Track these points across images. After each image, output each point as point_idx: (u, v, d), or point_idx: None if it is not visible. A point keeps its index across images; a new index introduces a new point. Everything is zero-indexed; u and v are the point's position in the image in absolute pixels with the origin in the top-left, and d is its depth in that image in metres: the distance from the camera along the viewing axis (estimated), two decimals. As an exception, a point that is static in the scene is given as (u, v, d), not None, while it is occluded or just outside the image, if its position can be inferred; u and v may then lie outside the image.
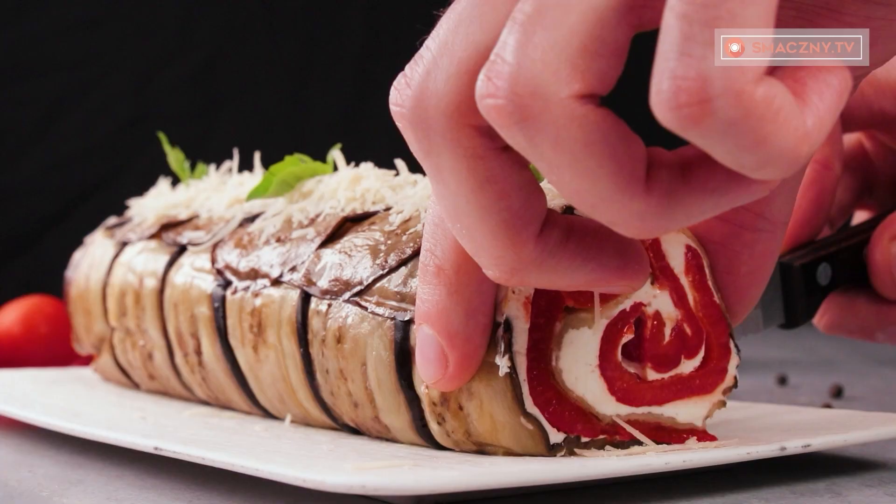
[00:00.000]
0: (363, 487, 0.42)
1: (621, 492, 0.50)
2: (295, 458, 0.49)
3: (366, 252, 0.55)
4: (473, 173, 0.40)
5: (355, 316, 0.54)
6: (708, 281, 0.52)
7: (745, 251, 0.51)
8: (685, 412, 0.52)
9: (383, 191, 0.59)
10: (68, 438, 0.64)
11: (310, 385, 0.58)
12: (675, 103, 0.34)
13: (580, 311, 0.49)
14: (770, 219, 0.50)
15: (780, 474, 0.53)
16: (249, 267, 0.62)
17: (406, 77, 0.41)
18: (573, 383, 0.49)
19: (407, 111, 0.41)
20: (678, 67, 0.34)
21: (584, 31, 0.37)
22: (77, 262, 0.81)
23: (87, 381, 0.82)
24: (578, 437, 0.49)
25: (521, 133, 0.37)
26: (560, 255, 0.41)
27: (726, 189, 0.37)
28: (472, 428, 0.49)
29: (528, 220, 0.41)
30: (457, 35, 0.40)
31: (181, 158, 0.81)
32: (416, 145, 0.42)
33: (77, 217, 1.48)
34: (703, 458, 0.48)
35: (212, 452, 0.49)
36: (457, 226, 0.42)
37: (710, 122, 0.34)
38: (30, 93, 1.53)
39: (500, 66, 0.37)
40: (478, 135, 0.40)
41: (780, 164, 0.35)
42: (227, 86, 1.64)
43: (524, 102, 0.37)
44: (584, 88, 0.37)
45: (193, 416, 0.65)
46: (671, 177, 0.37)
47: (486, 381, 0.48)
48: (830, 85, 0.36)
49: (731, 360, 0.53)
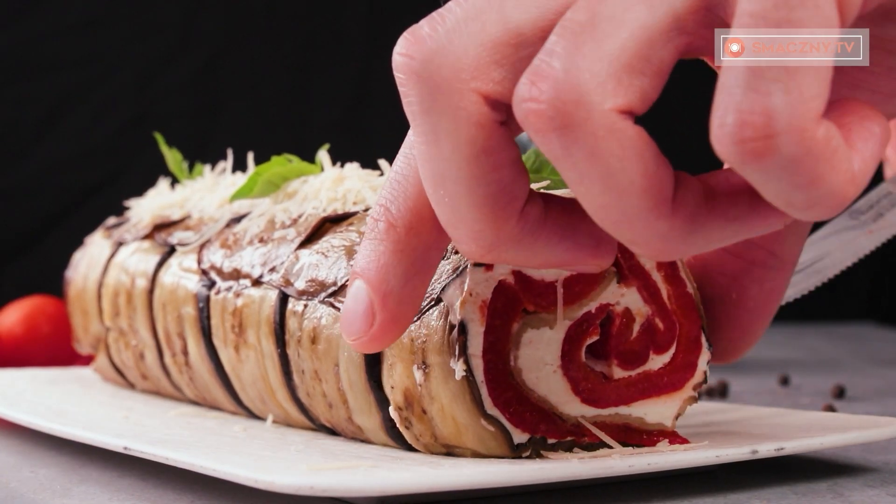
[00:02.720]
0: (311, 488, 0.41)
1: (619, 491, 0.50)
2: (256, 458, 0.49)
3: (342, 253, 0.55)
4: (472, 141, 0.40)
5: (329, 316, 0.54)
6: (680, 273, 0.52)
7: (754, 286, 0.51)
8: (654, 412, 0.52)
9: (364, 191, 0.59)
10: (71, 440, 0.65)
11: (287, 385, 0.58)
12: (740, 137, 0.34)
13: (540, 313, 0.49)
14: (781, 257, 0.51)
15: (782, 475, 0.53)
16: (233, 267, 0.62)
17: (424, 30, 0.40)
18: (534, 383, 0.49)
19: (417, 63, 0.40)
20: (744, 102, 0.34)
21: (633, 47, 0.37)
22: (76, 262, 0.82)
23: (85, 381, 0.82)
24: (544, 439, 0.49)
25: (558, 140, 0.37)
26: (538, 233, 0.41)
27: (747, 219, 0.38)
28: (437, 431, 0.49)
29: (514, 195, 0.40)
30: (491, 5, 0.40)
31: (179, 159, 0.82)
32: (416, 101, 0.40)
33: (78, 217, 1.49)
34: (669, 461, 0.47)
35: (175, 452, 0.49)
36: (439, 192, 0.41)
37: (773, 159, 0.34)
38: (31, 93, 1.54)
39: (547, 71, 0.37)
40: (484, 104, 0.39)
41: (827, 205, 0.35)
42: (228, 86, 1.64)
43: (567, 110, 0.36)
44: (625, 104, 0.37)
45: (178, 415, 0.65)
46: (696, 202, 0.38)
47: (444, 385, 0.48)
48: (873, 133, 0.36)
49: (702, 355, 0.53)
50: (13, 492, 0.53)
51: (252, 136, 1.58)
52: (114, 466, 0.58)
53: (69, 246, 0.86)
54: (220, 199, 0.70)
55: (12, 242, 1.52)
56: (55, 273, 0.91)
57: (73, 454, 0.62)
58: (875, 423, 0.54)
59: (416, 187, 0.44)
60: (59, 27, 1.55)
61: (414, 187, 0.44)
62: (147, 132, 1.04)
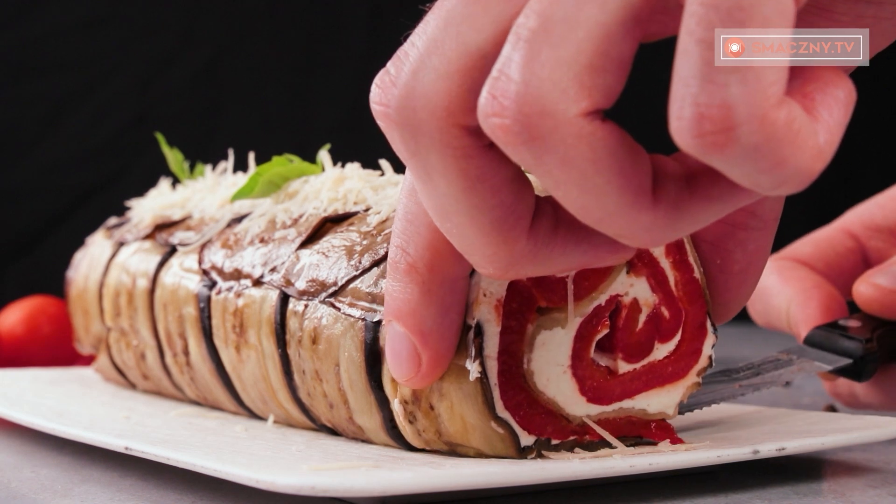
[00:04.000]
0: (312, 489, 0.41)
1: (621, 491, 0.50)
2: (257, 458, 0.49)
3: (342, 253, 0.55)
4: (464, 173, 0.40)
5: (329, 317, 0.54)
6: (689, 257, 0.52)
7: (737, 249, 0.51)
8: (657, 402, 0.51)
9: (365, 191, 0.59)
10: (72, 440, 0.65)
11: (288, 386, 0.58)
12: (699, 131, 0.34)
13: (553, 311, 0.49)
14: (762, 217, 0.50)
15: (783, 475, 0.53)
16: (233, 267, 0.62)
17: (390, 75, 0.41)
18: (544, 385, 0.49)
19: (392, 111, 0.40)
20: (700, 94, 0.33)
21: (590, 47, 0.36)
22: (77, 262, 0.82)
23: (87, 381, 0.82)
24: (549, 440, 0.49)
25: (528, 152, 0.37)
26: (553, 244, 0.41)
27: (730, 195, 0.37)
28: (442, 428, 0.49)
29: (519, 214, 0.40)
30: (447, 33, 0.39)
31: (180, 159, 0.82)
32: (402, 146, 0.41)
33: (79, 217, 1.49)
34: (671, 462, 0.47)
35: (176, 453, 0.49)
36: (446, 225, 0.41)
37: (734, 149, 0.34)
38: (33, 93, 1.54)
39: (506, 85, 0.37)
40: (466, 134, 0.39)
41: (794, 183, 0.35)
42: (230, 86, 1.64)
43: (532, 122, 0.36)
44: (591, 105, 0.36)
45: (179, 416, 0.65)
46: (677, 188, 0.37)
47: (457, 384, 0.48)
48: (838, 99, 0.36)
49: (707, 340, 0.53)
50: (14, 492, 0.53)
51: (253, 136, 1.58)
52: (115, 467, 0.58)
53: (70, 246, 0.86)
54: (221, 200, 0.70)
55: (13, 242, 1.52)
56: (56, 273, 0.91)
57: (74, 454, 0.62)
58: (876, 424, 0.54)
59: (427, 224, 0.44)
60: (60, 27, 1.55)
61: (425, 224, 0.44)
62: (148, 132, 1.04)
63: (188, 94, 1.61)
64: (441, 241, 0.44)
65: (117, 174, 1.55)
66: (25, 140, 1.55)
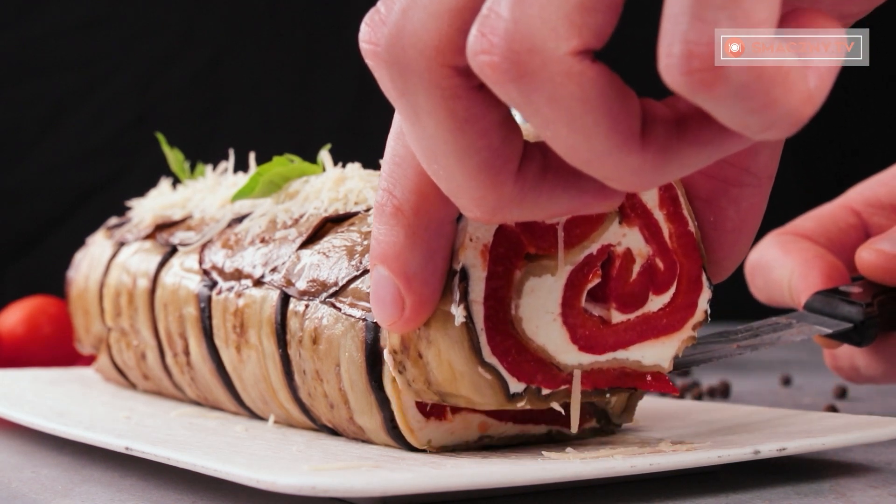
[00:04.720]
0: (313, 489, 0.41)
1: (622, 492, 0.50)
2: (258, 458, 0.49)
3: (343, 253, 0.55)
4: (453, 114, 0.39)
5: (330, 317, 0.54)
6: (683, 210, 0.51)
7: (731, 206, 0.50)
8: (651, 354, 0.51)
9: (365, 191, 0.59)
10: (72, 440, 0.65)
11: (289, 386, 0.58)
12: (688, 68, 0.33)
13: (543, 258, 0.48)
14: (756, 173, 0.50)
15: (784, 475, 0.53)
16: (234, 267, 0.62)
17: (380, 14, 0.40)
18: (533, 332, 0.48)
19: (381, 50, 0.40)
20: (690, 31, 0.33)
21: None
22: (78, 262, 0.82)
23: (87, 381, 0.82)
24: (539, 389, 0.48)
25: (516, 90, 0.36)
26: (540, 189, 0.40)
27: (720, 140, 0.37)
28: (431, 377, 0.48)
29: (507, 157, 0.40)
30: None
31: (181, 159, 0.82)
32: (390, 85, 0.40)
33: (80, 217, 1.49)
34: (671, 462, 0.47)
35: (176, 453, 0.49)
36: (433, 167, 0.41)
37: (722, 87, 0.33)
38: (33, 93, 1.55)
39: (496, 22, 0.36)
40: (456, 74, 0.39)
41: (783, 126, 0.34)
42: (230, 86, 1.64)
43: (521, 59, 0.36)
44: (580, 45, 0.36)
45: (180, 416, 0.65)
46: (666, 131, 0.37)
47: (443, 330, 0.47)
48: (829, 45, 0.35)
49: (703, 293, 0.52)
50: (15, 492, 0.53)
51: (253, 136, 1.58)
52: (115, 467, 0.58)
53: (71, 246, 0.86)
54: (222, 200, 0.70)
55: (14, 242, 1.52)
56: (57, 273, 0.91)
57: (74, 454, 0.62)
58: (877, 424, 0.54)
59: (414, 167, 0.44)
60: (60, 27, 1.55)
61: (412, 167, 0.44)
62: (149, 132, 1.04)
63: (188, 94, 1.62)
64: (428, 185, 0.44)
65: (117, 174, 1.55)
66: (25, 140, 1.55)
